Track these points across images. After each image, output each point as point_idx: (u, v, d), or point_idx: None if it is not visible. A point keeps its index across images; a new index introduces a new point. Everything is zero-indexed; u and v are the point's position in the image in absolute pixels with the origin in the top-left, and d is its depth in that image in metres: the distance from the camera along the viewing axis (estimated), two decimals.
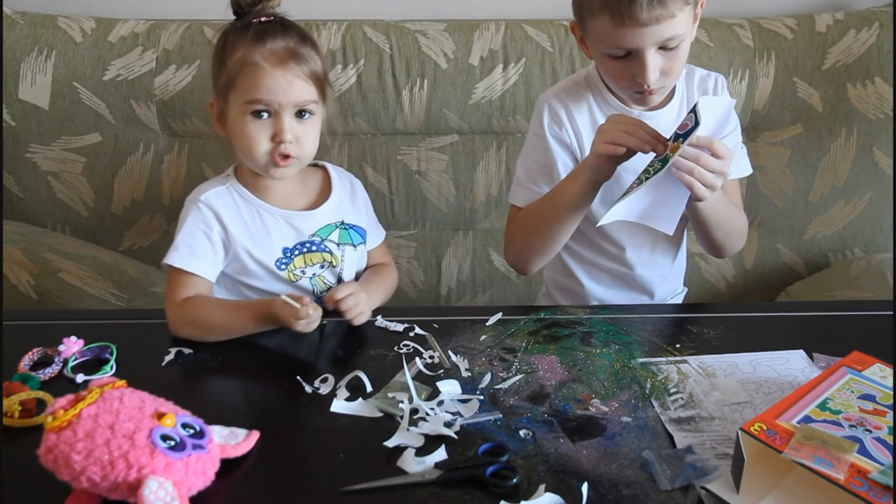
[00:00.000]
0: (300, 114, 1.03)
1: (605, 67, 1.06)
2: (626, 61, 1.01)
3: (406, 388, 0.85)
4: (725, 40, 1.61)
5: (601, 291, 1.25)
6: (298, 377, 0.89)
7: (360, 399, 0.85)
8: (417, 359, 0.93)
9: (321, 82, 1.05)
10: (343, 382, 0.88)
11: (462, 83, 1.60)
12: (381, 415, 0.82)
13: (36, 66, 1.57)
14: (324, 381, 0.88)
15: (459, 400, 0.85)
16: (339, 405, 0.84)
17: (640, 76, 1.00)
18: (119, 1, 1.71)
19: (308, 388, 0.87)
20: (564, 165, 1.15)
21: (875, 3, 1.72)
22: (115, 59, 1.58)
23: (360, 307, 1.00)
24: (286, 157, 1.03)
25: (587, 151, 1.12)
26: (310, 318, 0.94)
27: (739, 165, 1.18)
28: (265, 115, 1.02)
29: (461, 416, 0.82)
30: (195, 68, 1.57)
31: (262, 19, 1.03)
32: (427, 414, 0.81)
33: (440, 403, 0.84)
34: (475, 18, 1.66)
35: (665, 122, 1.12)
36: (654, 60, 0.99)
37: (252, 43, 1.01)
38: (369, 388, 0.87)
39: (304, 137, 1.04)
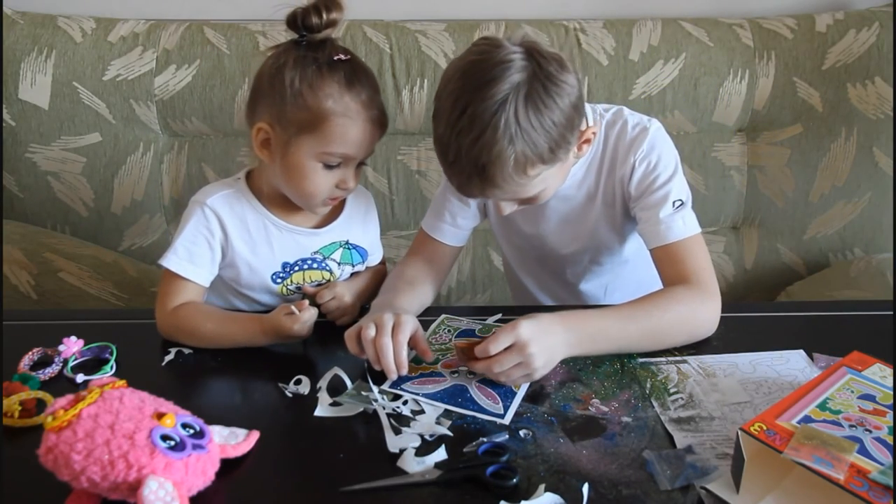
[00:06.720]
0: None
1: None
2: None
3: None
4: (725, 40, 1.61)
5: None
6: (301, 376, 0.89)
7: (332, 400, 0.85)
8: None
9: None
10: (324, 383, 0.87)
11: None
12: (361, 409, 0.82)
13: (36, 66, 1.57)
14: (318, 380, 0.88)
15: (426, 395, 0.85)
16: (322, 409, 0.83)
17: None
18: (119, 1, 1.71)
19: (303, 390, 0.87)
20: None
21: (875, 3, 1.72)
22: (115, 59, 1.58)
23: (340, 311, 1.03)
24: (336, 198, 1.04)
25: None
26: (306, 321, 0.94)
27: (675, 228, 0.97)
28: (337, 164, 0.99)
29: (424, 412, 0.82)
30: (195, 68, 1.57)
31: (342, 57, 0.96)
32: (386, 408, 0.82)
33: (405, 402, 0.84)
34: (475, 18, 1.66)
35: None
36: (507, 205, 0.97)
37: (344, 90, 0.95)
38: (350, 386, 0.87)
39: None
